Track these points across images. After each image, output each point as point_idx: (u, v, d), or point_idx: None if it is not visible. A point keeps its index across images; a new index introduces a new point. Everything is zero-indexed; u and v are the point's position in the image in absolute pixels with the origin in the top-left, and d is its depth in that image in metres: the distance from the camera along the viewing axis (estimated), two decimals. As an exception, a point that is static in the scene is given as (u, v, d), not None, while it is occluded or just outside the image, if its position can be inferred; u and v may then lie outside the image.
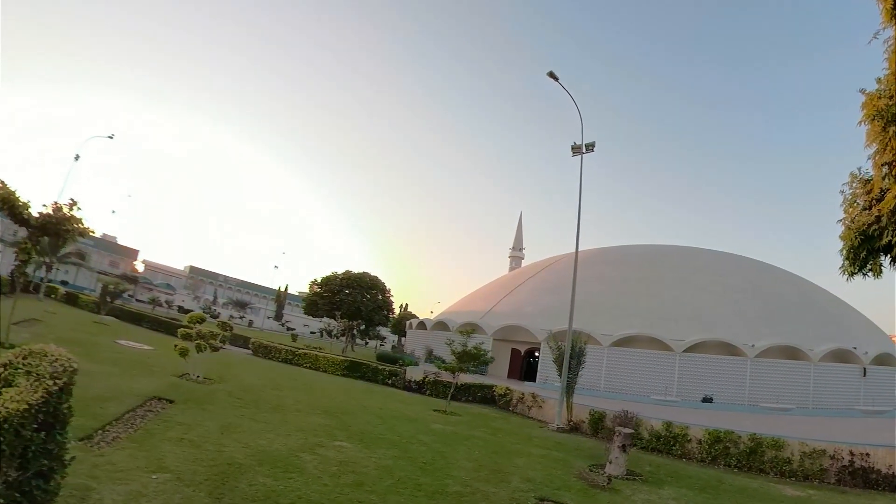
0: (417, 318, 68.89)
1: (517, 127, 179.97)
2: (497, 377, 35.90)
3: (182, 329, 12.94)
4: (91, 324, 23.22)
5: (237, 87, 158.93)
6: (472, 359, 17.75)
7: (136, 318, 29.17)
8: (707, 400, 30.00)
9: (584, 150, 22.15)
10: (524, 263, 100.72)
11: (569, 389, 17.71)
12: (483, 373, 36.69)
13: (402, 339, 77.92)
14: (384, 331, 71.82)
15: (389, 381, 22.12)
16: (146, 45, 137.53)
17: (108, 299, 23.95)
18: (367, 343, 70.45)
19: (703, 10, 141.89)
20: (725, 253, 53.90)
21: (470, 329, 18.40)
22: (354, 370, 22.66)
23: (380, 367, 22.94)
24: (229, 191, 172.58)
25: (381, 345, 76.61)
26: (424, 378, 21.86)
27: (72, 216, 13.42)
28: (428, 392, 21.41)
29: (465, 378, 25.11)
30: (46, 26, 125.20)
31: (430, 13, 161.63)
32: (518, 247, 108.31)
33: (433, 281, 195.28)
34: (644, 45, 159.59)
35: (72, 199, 13.15)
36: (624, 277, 44.89)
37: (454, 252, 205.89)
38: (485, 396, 22.10)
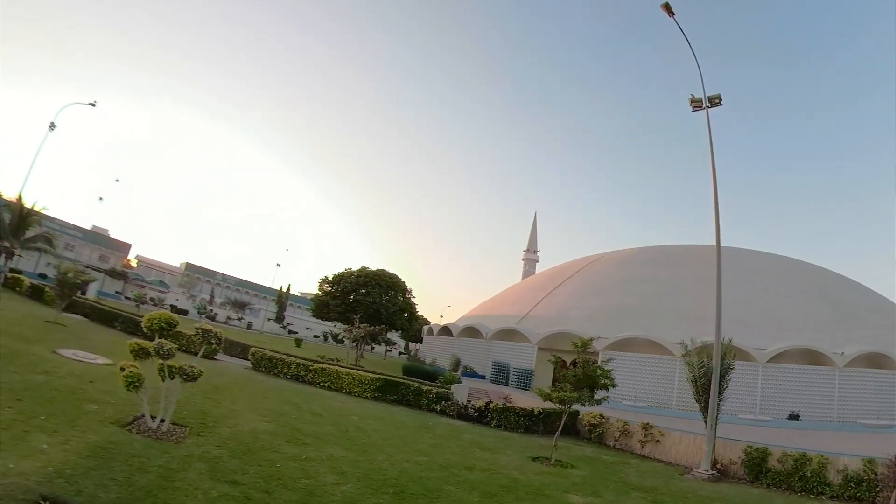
0: (428, 321, 63.10)
1: (518, 128, 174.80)
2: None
3: (133, 342, 7.26)
4: (42, 324, 17.50)
5: (242, 84, 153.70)
6: (593, 383, 12.15)
7: (109, 318, 23.46)
8: (794, 417, 25.41)
9: (706, 103, 16.97)
10: (538, 266, 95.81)
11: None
12: (528, 387, 31.19)
13: (414, 344, 72.04)
14: (391, 335, 65.72)
15: (438, 408, 16.39)
16: (149, 42, 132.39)
17: (67, 292, 18.20)
18: (372, 349, 64.50)
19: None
20: (771, 253, 49.27)
21: (587, 339, 12.87)
22: (389, 392, 16.92)
23: (424, 387, 17.19)
24: (229, 187, 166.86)
25: (388, 351, 70.59)
26: (488, 404, 16.14)
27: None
28: (494, 423, 15.72)
29: (527, 401, 19.45)
30: (44, 24, 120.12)
31: (434, 16, 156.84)
32: (532, 248, 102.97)
33: (436, 284, 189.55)
34: (643, 44, 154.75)
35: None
36: (674, 278, 39.91)
37: (457, 254, 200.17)
38: (565, 426, 16.56)
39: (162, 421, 7.40)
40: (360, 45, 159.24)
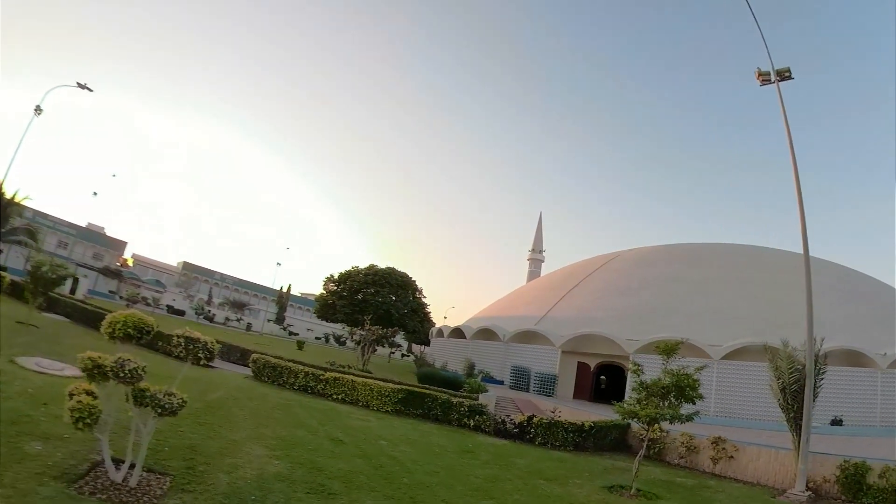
0: (434, 323, 60.61)
1: (519, 128, 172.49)
2: (562, 398, 28.41)
3: (86, 356, 4.95)
4: (11, 325, 15.16)
5: (242, 84, 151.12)
6: (681, 395, 10.10)
7: (93, 319, 21.07)
8: (836, 422, 23.75)
9: (774, 77, 14.90)
10: (544, 266, 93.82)
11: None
12: (551, 394, 28.88)
13: (418, 346, 69.41)
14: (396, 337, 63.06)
15: (471, 423, 14.08)
16: (149, 42, 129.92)
17: (41, 288, 15.83)
18: (375, 350, 61.84)
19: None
20: (794, 252, 47.12)
21: (674, 343, 10.79)
22: (413, 405, 14.58)
23: (453, 399, 14.86)
24: (229, 187, 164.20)
25: (392, 353, 67.96)
26: (531, 418, 13.83)
27: None
28: (539, 440, 13.42)
29: (571, 413, 17.17)
30: (43, 22, 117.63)
31: (434, 16, 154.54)
32: (538, 249, 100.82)
33: (437, 285, 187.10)
34: (645, 43, 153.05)
35: None
36: (700, 277, 37.79)
37: (458, 255, 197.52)
38: (617, 440, 14.52)
39: (131, 468, 5.09)
40: (359, 45, 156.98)
